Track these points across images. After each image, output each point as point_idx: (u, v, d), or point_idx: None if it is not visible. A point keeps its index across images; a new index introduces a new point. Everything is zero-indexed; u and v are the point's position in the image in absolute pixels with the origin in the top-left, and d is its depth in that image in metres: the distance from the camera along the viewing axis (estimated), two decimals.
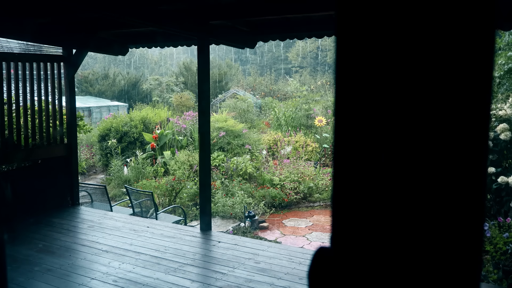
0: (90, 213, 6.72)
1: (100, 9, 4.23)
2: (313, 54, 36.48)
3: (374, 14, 0.47)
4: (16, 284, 4.15)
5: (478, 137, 0.47)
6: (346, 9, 0.48)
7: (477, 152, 0.47)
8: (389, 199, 0.48)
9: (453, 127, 0.46)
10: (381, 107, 0.48)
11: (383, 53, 0.47)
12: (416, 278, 0.48)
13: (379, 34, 0.47)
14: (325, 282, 0.54)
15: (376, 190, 0.49)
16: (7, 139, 6.16)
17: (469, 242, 0.47)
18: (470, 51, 0.45)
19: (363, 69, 0.48)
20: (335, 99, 0.50)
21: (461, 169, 0.47)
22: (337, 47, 0.49)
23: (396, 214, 0.48)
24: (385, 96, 0.48)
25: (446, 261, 0.47)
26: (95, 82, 26.99)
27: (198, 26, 5.32)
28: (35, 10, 5.19)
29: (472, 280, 0.48)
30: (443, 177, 0.47)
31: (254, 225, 8.56)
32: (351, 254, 0.50)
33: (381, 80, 0.48)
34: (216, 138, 11.88)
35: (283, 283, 4.15)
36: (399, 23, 0.46)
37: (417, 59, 0.46)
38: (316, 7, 4.82)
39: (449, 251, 0.47)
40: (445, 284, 0.48)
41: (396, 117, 0.47)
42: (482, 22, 0.45)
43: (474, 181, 0.47)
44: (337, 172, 0.51)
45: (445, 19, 0.45)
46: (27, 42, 6.54)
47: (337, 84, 0.50)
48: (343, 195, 0.51)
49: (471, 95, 0.46)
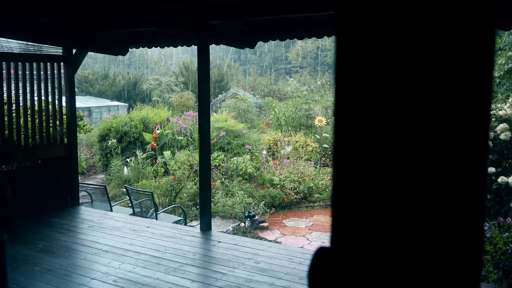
0: (90, 213, 6.72)
1: (100, 9, 4.23)
2: (313, 54, 36.49)
3: (373, 14, 0.47)
4: (16, 284, 4.15)
5: (478, 137, 0.47)
6: (346, 9, 0.48)
7: (477, 152, 0.47)
8: (389, 199, 0.48)
9: (453, 127, 0.46)
10: (381, 107, 0.48)
11: (383, 53, 0.47)
12: (416, 278, 0.48)
13: (379, 34, 0.47)
14: (325, 282, 0.54)
15: (376, 190, 0.49)
16: (7, 139, 6.16)
17: (469, 242, 0.47)
18: (470, 51, 0.45)
19: (363, 69, 0.48)
20: (335, 99, 0.50)
21: (461, 169, 0.47)
22: (337, 47, 0.49)
23: (396, 214, 0.48)
24: (385, 96, 0.48)
25: (446, 261, 0.47)
26: (95, 82, 26.99)
27: (198, 26, 5.32)
28: (35, 10, 5.19)
29: (472, 280, 0.48)
30: (443, 177, 0.47)
31: (254, 225, 8.56)
32: (351, 254, 0.50)
33: (381, 80, 0.48)
34: (216, 138, 11.88)
35: (283, 283, 4.15)
36: (399, 23, 0.46)
37: (417, 59, 0.46)
38: (316, 7, 4.82)
39: (449, 251, 0.47)
40: (445, 284, 0.48)
41: (396, 117, 0.47)
42: (482, 22, 0.45)
43: (474, 181, 0.47)
44: (337, 172, 0.51)
45: (445, 19, 0.45)
46: (27, 42, 6.54)
47: (337, 84, 0.50)
48: (343, 195, 0.51)
49: (471, 95, 0.46)
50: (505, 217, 5.97)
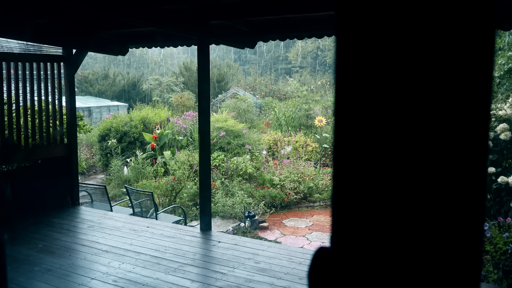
0: (90, 213, 6.72)
1: (100, 9, 4.23)
2: (313, 54, 36.48)
3: (373, 14, 0.47)
4: (16, 284, 4.15)
5: (478, 137, 0.47)
6: (346, 9, 0.48)
7: (477, 152, 0.47)
8: (389, 199, 0.48)
9: (453, 127, 0.46)
10: (381, 107, 0.48)
11: (383, 53, 0.47)
12: (416, 278, 0.48)
13: (378, 34, 0.47)
14: (325, 282, 0.54)
15: (376, 190, 0.49)
16: (7, 139, 6.16)
17: (469, 242, 0.47)
18: (470, 51, 0.45)
19: (363, 69, 0.48)
20: (335, 99, 0.50)
21: (461, 169, 0.47)
22: (337, 47, 0.49)
23: (396, 214, 0.48)
24: (385, 96, 0.48)
25: (446, 261, 0.47)
26: (95, 82, 26.99)
27: (198, 26, 5.32)
28: (35, 10, 5.19)
29: (472, 280, 0.48)
30: (443, 177, 0.47)
31: (254, 225, 8.56)
32: (351, 254, 0.50)
33: (381, 80, 0.48)
34: (216, 138, 11.88)
35: (283, 283, 4.15)
36: (399, 23, 0.46)
37: (417, 59, 0.46)
38: (316, 7, 4.82)
39: (449, 251, 0.47)
40: (445, 284, 0.48)
41: (396, 117, 0.47)
42: (482, 22, 0.45)
43: (474, 181, 0.47)
44: (337, 172, 0.51)
45: (445, 19, 0.45)
46: (27, 42, 6.54)
47: (337, 84, 0.50)
48: (343, 195, 0.51)
49: (471, 95, 0.46)
50: (505, 217, 5.97)
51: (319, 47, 35.70)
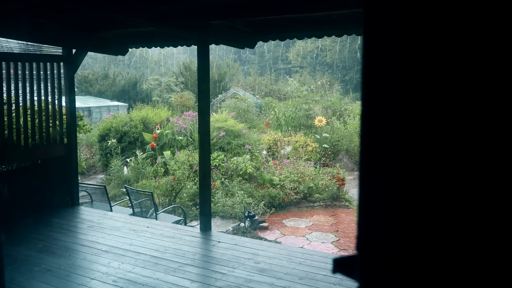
0: (89, 213, 6.72)
1: (100, 9, 4.22)
2: (313, 54, 36.45)
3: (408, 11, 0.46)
4: (16, 284, 4.15)
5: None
6: (375, 6, 0.47)
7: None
8: (452, 200, 0.47)
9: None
10: (447, 108, 0.46)
11: (415, 51, 0.46)
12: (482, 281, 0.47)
13: (408, 31, 0.46)
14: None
15: (439, 190, 0.47)
16: (7, 139, 6.16)
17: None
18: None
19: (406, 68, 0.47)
20: (363, 98, 0.49)
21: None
22: (365, 45, 0.48)
23: (461, 215, 0.47)
24: (451, 96, 0.46)
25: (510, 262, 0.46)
26: (95, 82, 26.98)
27: (198, 26, 5.32)
28: (35, 10, 5.18)
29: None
30: (506, 178, 0.45)
31: (254, 225, 8.55)
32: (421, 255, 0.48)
33: (451, 79, 0.46)
34: (216, 138, 11.88)
35: (283, 283, 4.14)
36: (447, 22, 0.45)
37: (476, 59, 0.45)
38: (316, 7, 4.81)
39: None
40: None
41: (457, 117, 0.46)
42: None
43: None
44: (365, 174, 0.49)
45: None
46: (27, 42, 6.53)
47: (364, 83, 0.49)
48: (407, 196, 0.48)
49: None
50: None
51: (319, 47, 35.67)
